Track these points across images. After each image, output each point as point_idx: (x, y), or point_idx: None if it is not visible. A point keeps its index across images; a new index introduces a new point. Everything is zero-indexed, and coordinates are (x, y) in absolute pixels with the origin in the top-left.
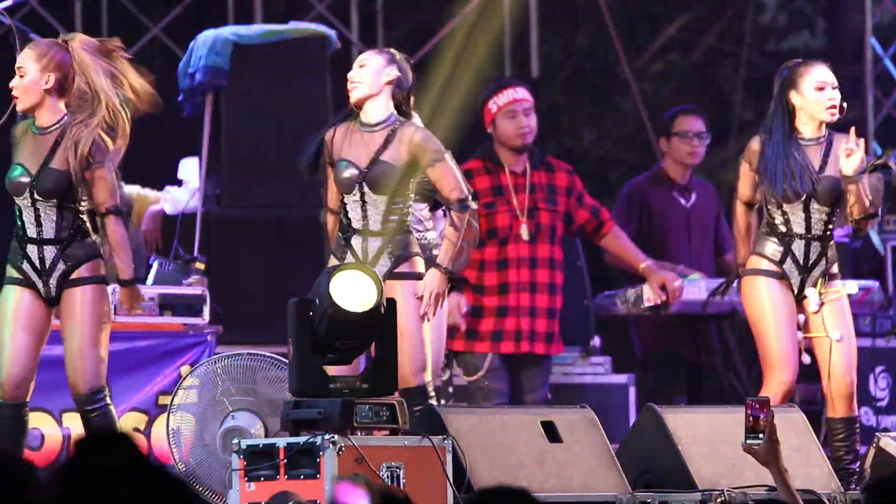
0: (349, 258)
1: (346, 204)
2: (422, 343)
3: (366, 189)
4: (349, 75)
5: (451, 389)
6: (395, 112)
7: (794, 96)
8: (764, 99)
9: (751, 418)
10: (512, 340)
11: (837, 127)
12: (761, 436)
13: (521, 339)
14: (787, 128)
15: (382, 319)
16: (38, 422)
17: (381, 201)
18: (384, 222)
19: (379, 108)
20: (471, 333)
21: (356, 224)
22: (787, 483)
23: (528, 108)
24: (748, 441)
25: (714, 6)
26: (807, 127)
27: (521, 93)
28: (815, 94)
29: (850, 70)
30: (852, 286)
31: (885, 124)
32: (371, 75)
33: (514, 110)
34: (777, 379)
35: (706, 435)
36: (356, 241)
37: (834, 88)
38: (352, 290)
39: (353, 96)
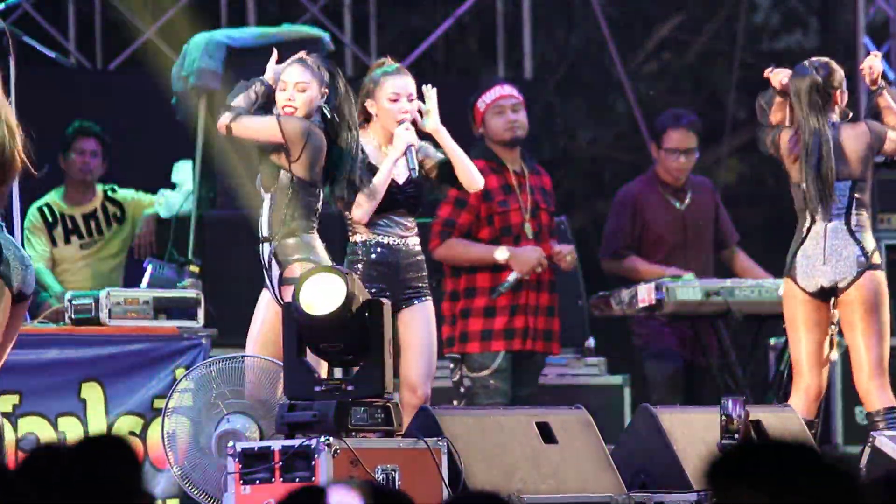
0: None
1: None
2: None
3: None
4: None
5: (462, 390)
6: None
7: None
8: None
9: (724, 417)
10: (519, 338)
11: None
12: (736, 436)
13: (527, 336)
14: None
15: (363, 321)
16: (34, 426)
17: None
18: None
19: None
20: (486, 334)
21: None
22: None
23: (515, 105)
24: (723, 441)
25: (707, 6)
26: None
27: (508, 89)
28: None
29: (843, 69)
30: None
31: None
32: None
33: (501, 105)
34: (802, 384)
35: (701, 435)
36: None
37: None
38: (319, 293)
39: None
